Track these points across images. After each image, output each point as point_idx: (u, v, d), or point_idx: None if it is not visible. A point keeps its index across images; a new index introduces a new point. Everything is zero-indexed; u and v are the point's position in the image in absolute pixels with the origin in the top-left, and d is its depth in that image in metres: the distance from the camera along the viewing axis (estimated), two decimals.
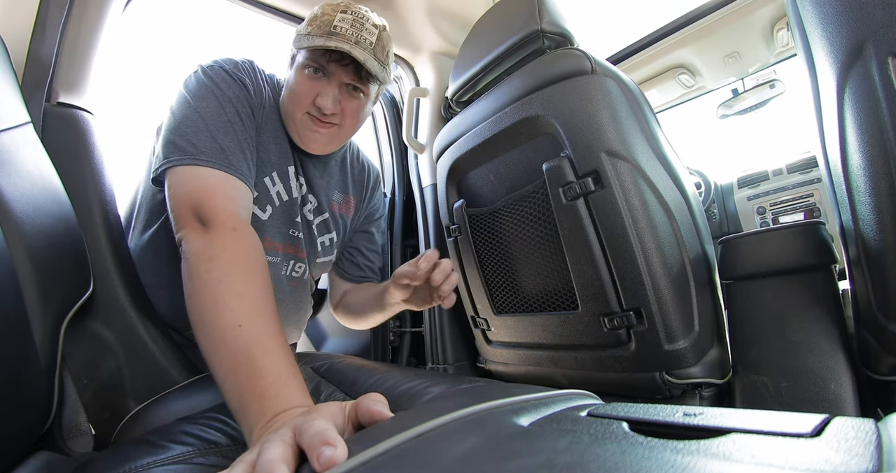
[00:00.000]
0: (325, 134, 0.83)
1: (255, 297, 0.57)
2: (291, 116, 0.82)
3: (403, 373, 0.66)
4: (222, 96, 0.75)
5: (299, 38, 0.79)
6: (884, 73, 0.50)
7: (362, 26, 0.77)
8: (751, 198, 2.18)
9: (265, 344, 0.52)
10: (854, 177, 0.58)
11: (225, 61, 0.80)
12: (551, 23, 0.86)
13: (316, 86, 0.79)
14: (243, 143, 0.74)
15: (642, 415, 0.36)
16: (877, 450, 0.24)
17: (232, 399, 0.49)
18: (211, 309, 0.55)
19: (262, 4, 1.15)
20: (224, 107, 0.74)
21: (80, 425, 0.64)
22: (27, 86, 0.73)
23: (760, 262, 0.88)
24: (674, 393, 0.79)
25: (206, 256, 0.59)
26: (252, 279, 0.59)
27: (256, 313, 0.55)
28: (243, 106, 0.78)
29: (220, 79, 0.76)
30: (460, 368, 1.23)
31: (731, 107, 2.05)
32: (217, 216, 0.64)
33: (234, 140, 0.73)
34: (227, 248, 0.60)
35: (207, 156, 0.69)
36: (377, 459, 0.28)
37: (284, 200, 0.87)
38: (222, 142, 0.71)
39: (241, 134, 0.75)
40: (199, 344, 0.55)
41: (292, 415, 0.44)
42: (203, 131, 0.70)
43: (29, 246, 0.53)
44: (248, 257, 0.61)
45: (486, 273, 1.05)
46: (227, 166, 0.70)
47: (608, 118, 0.76)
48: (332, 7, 0.78)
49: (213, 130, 0.71)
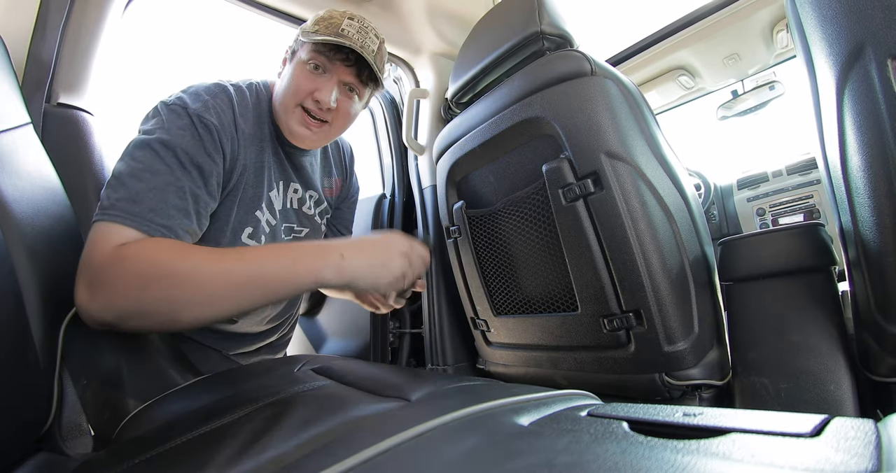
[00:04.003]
0: (315, 130, 0.85)
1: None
2: (285, 108, 0.83)
3: (404, 374, 0.66)
4: (165, 143, 0.69)
5: (305, 35, 0.80)
6: (883, 75, 0.50)
7: (366, 34, 0.80)
8: (750, 200, 2.19)
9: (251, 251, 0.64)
10: (853, 178, 0.58)
11: (190, 98, 0.74)
12: (551, 24, 0.87)
13: (315, 81, 0.80)
14: (180, 196, 0.69)
15: (642, 415, 0.36)
16: (876, 450, 0.24)
17: (287, 274, 0.62)
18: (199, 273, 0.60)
19: (262, 5, 1.15)
20: (164, 158, 0.68)
21: (80, 425, 0.64)
22: (27, 87, 0.74)
23: (760, 264, 0.88)
24: (673, 394, 0.79)
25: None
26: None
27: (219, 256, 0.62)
28: (198, 151, 0.72)
29: (173, 126, 0.71)
30: (460, 369, 1.23)
31: (731, 109, 2.05)
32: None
33: (163, 195, 0.67)
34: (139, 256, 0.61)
35: (115, 210, 0.63)
36: (377, 459, 0.28)
37: (274, 224, 0.91)
38: (146, 200, 0.65)
39: (179, 184, 0.69)
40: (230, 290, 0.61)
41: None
42: (127, 187, 0.65)
43: (29, 246, 0.53)
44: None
45: (486, 274, 1.05)
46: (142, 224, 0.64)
47: (608, 119, 0.76)
48: (340, 12, 0.80)
49: (136, 187, 0.65)
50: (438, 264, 1.26)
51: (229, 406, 0.57)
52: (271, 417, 0.49)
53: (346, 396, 0.68)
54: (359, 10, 1.28)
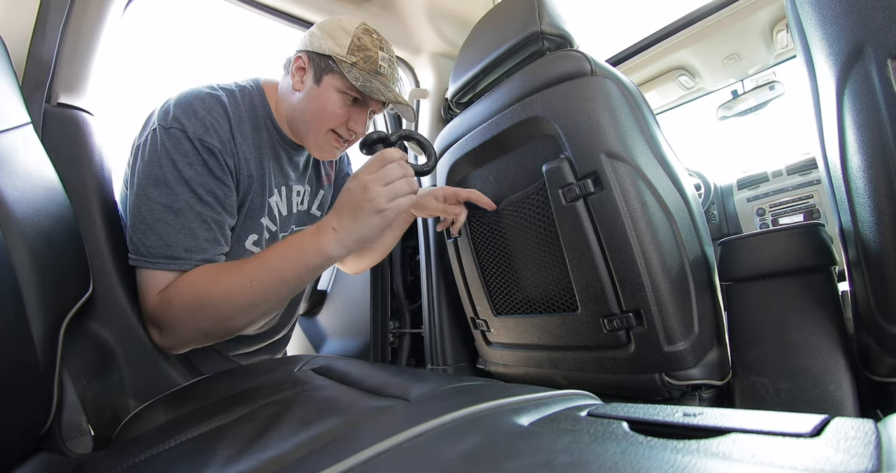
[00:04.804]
0: (341, 149, 0.90)
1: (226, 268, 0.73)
2: (314, 129, 0.85)
3: (404, 374, 0.65)
4: (177, 178, 0.72)
5: (341, 64, 0.79)
6: (883, 75, 0.50)
7: (394, 66, 0.86)
8: (750, 200, 2.19)
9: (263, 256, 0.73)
10: (853, 178, 0.58)
11: (186, 118, 0.74)
12: (551, 24, 0.87)
13: (350, 111, 0.85)
14: (206, 228, 0.75)
15: (642, 415, 0.36)
16: (876, 450, 0.24)
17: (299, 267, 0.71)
18: (225, 297, 0.70)
19: (262, 5, 1.15)
20: (180, 195, 0.72)
21: (80, 425, 0.64)
22: (27, 87, 0.73)
23: (760, 264, 0.88)
24: (673, 394, 0.79)
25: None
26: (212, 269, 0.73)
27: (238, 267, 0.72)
28: (209, 179, 0.75)
29: (179, 158, 0.73)
30: (460, 369, 1.23)
31: (731, 109, 2.05)
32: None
33: (187, 226, 0.73)
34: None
35: (155, 258, 0.72)
36: (377, 459, 0.28)
37: (274, 230, 0.92)
38: (178, 242, 0.72)
39: (198, 213, 0.74)
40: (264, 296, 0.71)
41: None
42: (156, 233, 0.72)
43: (29, 246, 0.53)
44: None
45: (486, 274, 1.05)
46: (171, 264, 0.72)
47: (608, 120, 0.76)
48: (371, 41, 0.82)
49: (165, 231, 0.72)
50: (438, 264, 1.26)
51: (229, 406, 0.57)
52: (271, 417, 0.49)
53: (346, 396, 0.68)
54: (359, 10, 1.28)
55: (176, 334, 0.73)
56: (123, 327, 0.74)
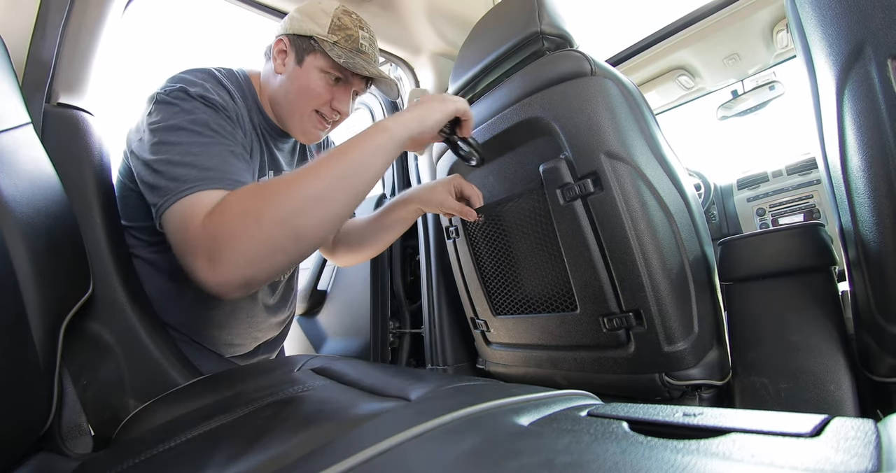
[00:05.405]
0: (324, 130, 0.89)
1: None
2: (298, 110, 0.85)
3: (403, 374, 0.65)
4: (192, 122, 0.69)
5: (322, 43, 0.80)
6: (883, 75, 0.50)
7: (374, 45, 0.86)
8: (750, 200, 2.19)
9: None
10: (853, 178, 0.58)
11: (187, 83, 0.73)
12: (551, 24, 0.87)
13: (333, 90, 0.84)
14: (237, 156, 0.71)
15: (642, 415, 0.36)
16: (876, 450, 0.24)
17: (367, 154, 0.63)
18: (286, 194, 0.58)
19: (262, 5, 1.15)
20: (202, 133, 0.69)
21: (80, 425, 0.64)
22: (27, 87, 0.73)
23: (760, 264, 0.88)
24: (673, 394, 0.79)
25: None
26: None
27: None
28: (224, 121, 0.74)
29: (188, 107, 0.70)
30: (460, 369, 1.23)
31: (731, 109, 2.05)
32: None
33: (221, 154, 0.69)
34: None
35: (194, 181, 0.63)
36: (377, 459, 0.28)
37: None
38: (212, 165, 0.66)
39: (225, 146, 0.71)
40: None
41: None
42: (185, 164, 0.65)
43: (29, 246, 0.53)
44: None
45: (485, 274, 1.05)
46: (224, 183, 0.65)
47: (608, 120, 0.76)
48: (351, 20, 0.82)
49: (195, 160, 0.65)
50: (438, 264, 1.26)
51: (229, 406, 0.57)
52: (271, 417, 0.49)
53: (346, 396, 0.68)
54: (358, 10, 1.27)
55: (234, 250, 0.55)
56: (123, 327, 0.74)
